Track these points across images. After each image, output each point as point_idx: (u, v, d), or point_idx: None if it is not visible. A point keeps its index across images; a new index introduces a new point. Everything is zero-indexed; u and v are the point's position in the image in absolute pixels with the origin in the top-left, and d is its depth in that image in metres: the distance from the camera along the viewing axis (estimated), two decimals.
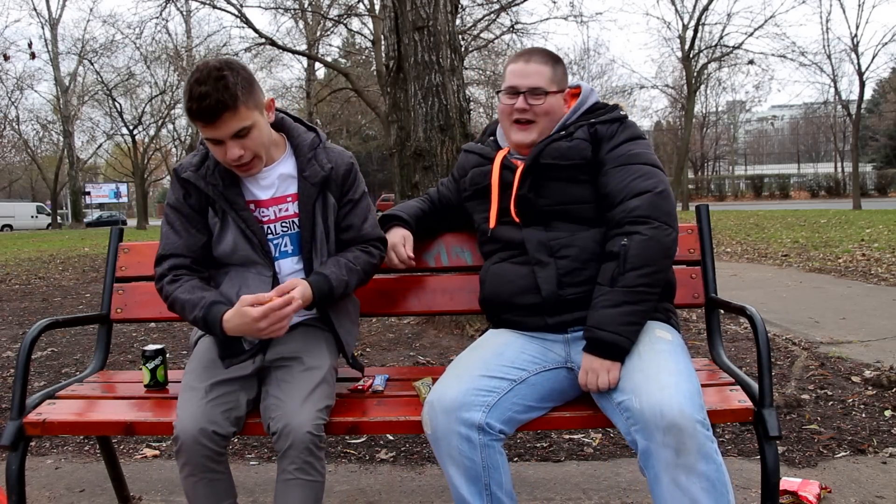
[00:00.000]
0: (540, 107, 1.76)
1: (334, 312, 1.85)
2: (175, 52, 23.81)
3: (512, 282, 1.75)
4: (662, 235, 1.62)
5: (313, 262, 1.78)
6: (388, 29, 4.36)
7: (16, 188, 50.29)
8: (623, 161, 1.70)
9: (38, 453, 2.75)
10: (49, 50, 32.55)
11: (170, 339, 4.92)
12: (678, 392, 1.44)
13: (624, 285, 1.59)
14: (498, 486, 1.55)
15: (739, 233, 13.54)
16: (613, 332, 1.57)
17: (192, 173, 1.74)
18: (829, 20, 47.03)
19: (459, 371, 1.65)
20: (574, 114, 1.81)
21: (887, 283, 6.43)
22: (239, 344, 1.70)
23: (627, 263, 1.59)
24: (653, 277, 1.61)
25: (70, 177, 36.14)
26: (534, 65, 1.77)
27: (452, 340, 4.42)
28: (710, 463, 1.40)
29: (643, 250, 1.60)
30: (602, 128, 1.75)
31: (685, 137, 27.17)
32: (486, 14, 16.47)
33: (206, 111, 1.55)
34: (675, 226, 1.66)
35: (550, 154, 1.74)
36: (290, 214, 1.78)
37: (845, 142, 40.80)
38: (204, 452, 1.57)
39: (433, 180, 4.06)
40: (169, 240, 1.77)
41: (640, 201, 1.63)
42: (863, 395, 3.12)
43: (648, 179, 1.67)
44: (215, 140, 1.63)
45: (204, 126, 1.59)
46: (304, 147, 1.81)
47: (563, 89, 1.81)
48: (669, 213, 1.65)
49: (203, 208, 1.76)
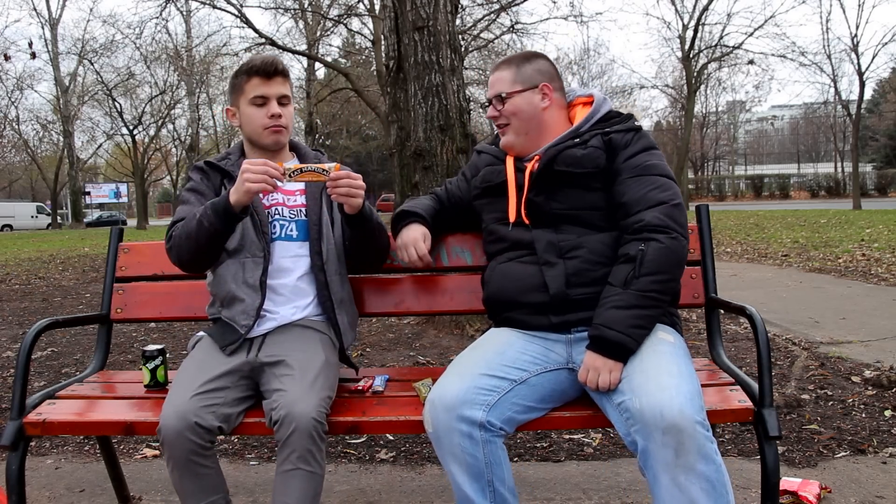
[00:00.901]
0: (504, 109, 1.82)
1: (337, 306, 1.91)
2: (175, 52, 23.79)
3: (519, 280, 1.75)
4: (678, 246, 1.65)
5: (321, 246, 1.89)
6: (388, 29, 4.37)
7: (16, 188, 50.28)
8: (640, 171, 1.72)
9: (38, 453, 2.75)
10: (49, 50, 32.55)
11: (170, 339, 4.92)
12: (678, 393, 1.44)
13: (637, 289, 1.60)
14: (501, 483, 1.56)
15: (739, 233, 13.54)
16: (621, 332, 1.57)
17: (215, 160, 1.96)
18: (829, 20, 47.07)
19: (461, 369, 1.65)
20: (588, 121, 1.82)
21: (887, 283, 6.43)
22: (234, 330, 1.82)
23: (643, 268, 1.61)
24: (666, 285, 1.63)
25: (70, 177, 36.13)
26: (496, 74, 1.86)
27: (452, 340, 4.42)
28: (710, 463, 1.40)
29: (660, 257, 1.62)
30: (617, 136, 1.77)
31: (685, 137, 27.16)
32: (486, 14, 16.48)
33: (268, 65, 1.85)
34: (688, 237, 1.70)
35: (564, 161, 1.75)
36: (298, 204, 1.94)
37: (845, 142, 40.80)
38: (187, 446, 1.58)
39: (433, 180, 4.06)
40: (181, 212, 1.87)
41: (657, 212, 1.66)
42: (863, 395, 3.12)
43: (665, 191, 1.70)
44: (264, 98, 1.86)
45: (261, 81, 1.85)
46: (309, 155, 2.03)
47: (533, 86, 1.82)
48: (684, 224, 1.69)
49: (218, 191, 1.90)
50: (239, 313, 1.83)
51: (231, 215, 1.70)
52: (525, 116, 1.81)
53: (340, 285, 1.95)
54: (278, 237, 1.88)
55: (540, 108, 1.82)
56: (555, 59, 27.17)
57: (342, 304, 1.94)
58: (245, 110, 1.89)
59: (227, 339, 1.81)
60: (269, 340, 1.83)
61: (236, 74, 1.90)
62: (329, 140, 34.23)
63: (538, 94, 1.82)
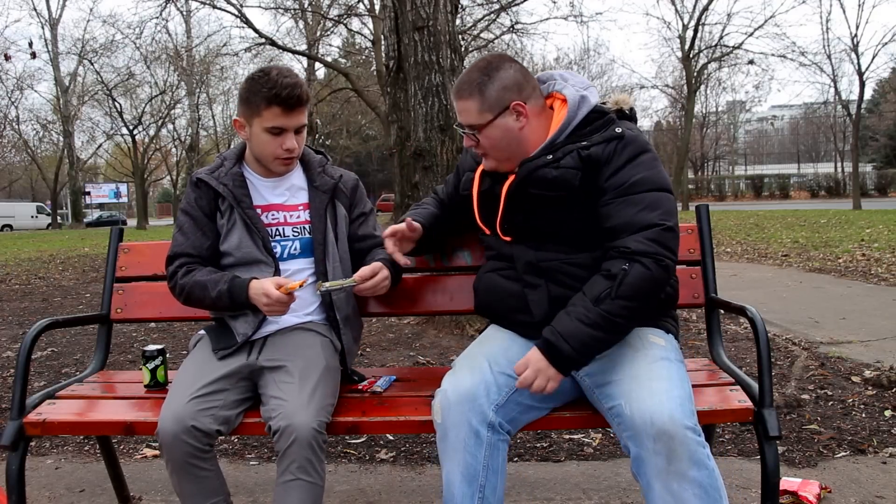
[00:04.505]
0: (481, 143, 1.65)
1: (342, 323, 1.90)
2: (175, 52, 23.81)
3: (503, 300, 1.73)
4: (663, 274, 1.53)
5: (326, 265, 1.86)
6: (388, 29, 4.37)
7: (16, 188, 50.24)
8: (625, 191, 1.56)
9: (38, 453, 2.75)
10: (49, 50, 32.53)
11: (170, 339, 4.92)
12: (669, 398, 1.43)
13: (606, 310, 1.50)
14: (492, 491, 1.53)
15: (739, 233, 13.54)
16: (576, 349, 1.50)
17: (206, 175, 1.86)
18: (829, 20, 46.93)
19: (472, 363, 1.65)
20: (563, 132, 1.64)
21: (887, 283, 6.43)
22: (231, 336, 1.80)
23: (620, 290, 1.50)
24: (636, 312, 1.53)
25: (70, 177, 36.12)
26: (460, 103, 1.65)
27: (452, 340, 4.41)
28: (702, 469, 1.39)
29: (641, 283, 1.50)
30: (597, 151, 1.59)
31: (685, 137, 27.16)
32: (486, 14, 16.46)
33: (292, 98, 1.72)
34: (676, 260, 1.57)
35: (537, 184, 1.63)
36: (301, 221, 1.89)
37: (845, 142, 40.75)
38: (185, 449, 1.58)
39: (433, 180, 4.07)
40: (177, 241, 1.85)
41: (644, 237, 1.52)
42: (863, 395, 3.12)
43: (654, 210, 1.54)
44: (281, 129, 1.76)
45: (282, 112, 1.73)
46: (314, 163, 1.95)
47: (503, 108, 1.62)
48: (674, 248, 1.56)
49: (213, 211, 1.86)
50: (241, 322, 1.82)
51: (247, 305, 1.75)
52: (503, 145, 1.64)
53: (346, 302, 1.93)
54: (280, 257, 1.85)
55: (516, 130, 1.63)
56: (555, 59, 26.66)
57: (347, 321, 1.92)
58: (258, 134, 1.77)
59: (223, 344, 1.80)
60: (269, 343, 1.82)
61: (254, 90, 1.73)
62: (329, 140, 34.22)
63: (511, 116, 1.62)
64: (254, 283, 1.72)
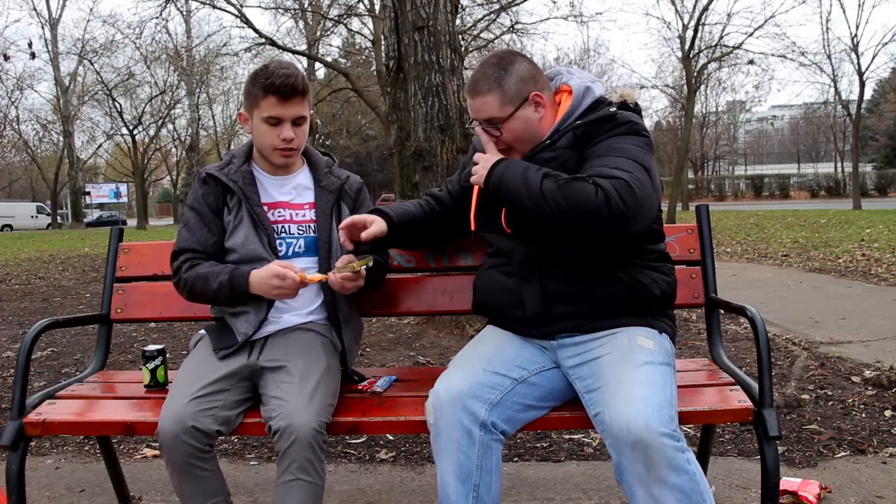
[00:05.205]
0: (503, 137, 1.67)
1: (343, 323, 1.90)
2: (175, 52, 23.81)
3: (499, 295, 1.74)
4: (606, 213, 1.45)
5: (330, 264, 1.86)
6: (388, 29, 4.36)
7: (16, 188, 50.26)
8: (602, 153, 1.56)
9: (38, 453, 2.75)
10: (49, 50, 32.56)
11: (170, 339, 4.92)
12: (647, 406, 1.42)
13: (547, 187, 1.50)
14: (487, 491, 1.53)
15: (739, 233, 13.54)
16: (502, 176, 1.58)
17: (216, 171, 1.87)
18: (829, 20, 46.90)
19: (464, 363, 1.65)
20: (566, 121, 1.67)
21: (887, 283, 6.43)
22: (232, 335, 1.80)
23: (567, 186, 1.48)
24: (560, 213, 1.49)
25: (70, 177, 36.14)
26: (480, 98, 1.66)
27: (452, 340, 4.42)
28: (682, 474, 1.38)
29: (584, 198, 1.46)
30: (590, 128, 1.63)
31: (685, 137, 27.10)
32: (486, 14, 16.45)
33: (286, 87, 1.73)
34: (627, 219, 1.47)
35: None
36: (307, 220, 1.90)
37: (845, 142, 40.77)
38: (185, 449, 1.58)
39: (433, 180, 4.07)
40: (183, 236, 1.86)
41: (610, 182, 1.46)
42: (863, 395, 3.12)
43: (624, 171, 1.48)
44: (278, 119, 1.77)
45: (278, 101, 1.74)
46: (321, 164, 1.97)
47: (523, 100, 1.65)
48: (631, 207, 1.46)
49: (219, 207, 1.86)
50: (241, 321, 1.82)
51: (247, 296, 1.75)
52: (526, 136, 1.67)
53: (347, 303, 1.94)
54: (284, 255, 1.86)
55: (536, 120, 1.67)
56: (555, 58, 26.61)
57: (348, 322, 1.94)
58: (258, 125, 1.81)
59: (223, 343, 1.80)
60: (270, 343, 1.82)
61: (253, 82, 1.77)
62: (329, 140, 34.22)
63: (531, 107, 1.66)
64: (256, 270, 1.72)
